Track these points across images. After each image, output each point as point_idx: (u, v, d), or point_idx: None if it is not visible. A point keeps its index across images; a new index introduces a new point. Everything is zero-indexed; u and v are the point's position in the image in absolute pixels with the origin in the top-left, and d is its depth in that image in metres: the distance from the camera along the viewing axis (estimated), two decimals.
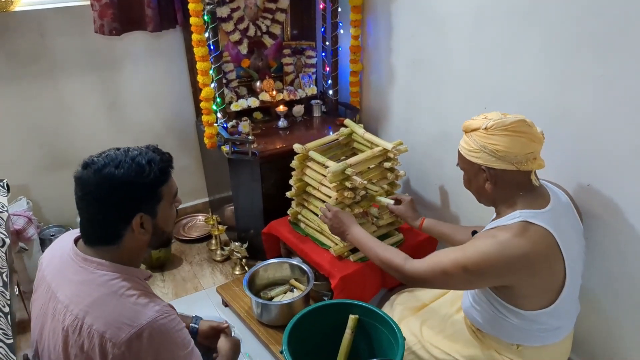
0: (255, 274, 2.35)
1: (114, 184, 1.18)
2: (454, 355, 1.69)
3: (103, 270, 1.21)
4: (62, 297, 1.21)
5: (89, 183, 1.19)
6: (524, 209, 1.48)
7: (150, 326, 1.15)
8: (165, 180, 1.26)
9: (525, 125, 1.46)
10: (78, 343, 1.16)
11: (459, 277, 1.49)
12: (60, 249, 1.31)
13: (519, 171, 1.47)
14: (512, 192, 1.52)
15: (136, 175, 1.20)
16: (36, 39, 2.51)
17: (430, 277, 1.55)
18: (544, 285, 1.49)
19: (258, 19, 2.75)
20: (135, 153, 1.23)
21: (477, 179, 1.55)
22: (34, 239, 2.42)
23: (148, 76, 2.84)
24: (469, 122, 1.54)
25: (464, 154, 1.55)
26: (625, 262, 1.72)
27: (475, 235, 1.56)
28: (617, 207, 1.69)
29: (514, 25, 1.89)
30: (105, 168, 1.19)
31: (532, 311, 1.51)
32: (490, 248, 1.43)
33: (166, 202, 1.28)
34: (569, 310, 1.61)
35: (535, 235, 1.43)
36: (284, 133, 2.74)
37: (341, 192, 2.12)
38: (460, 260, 1.47)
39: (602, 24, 1.58)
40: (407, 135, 2.57)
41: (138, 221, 1.23)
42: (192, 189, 3.23)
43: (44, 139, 2.70)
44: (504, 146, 1.45)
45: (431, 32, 2.29)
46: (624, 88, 1.57)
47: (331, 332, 1.85)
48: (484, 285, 1.55)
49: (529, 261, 1.42)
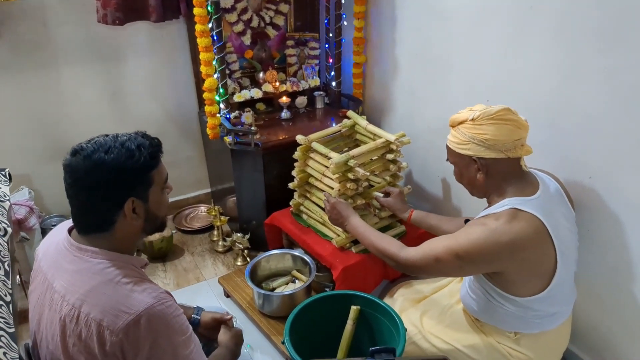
0: (257, 265, 2.36)
1: (104, 169, 1.17)
2: (454, 345, 1.70)
3: (98, 259, 1.21)
4: (58, 287, 1.20)
5: (79, 170, 1.18)
6: (513, 197, 1.51)
7: (148, 312, 1.14)
8: (155, 165, 1.26)
9: (510, 113, 1.50)
10: (76, 332, 1.16)
11: (451, 263, 1.51)
12: (55, 239, 1.31)
13: (508, 159, 1.51)
14: (503, 180, 1.55)
15: (126, 160, 1.19)
16: (39, 28, 2.51)
17: (424, 264, 1.57)
18: (535, 270, 1.52)
19: (262, 10, 2.74)
20: (124, 138, 1.23)
21: (468, 170, 1.59)
22: (35, 229, 2.42)
23: (151, 66, 2.83)
24: (455, 116, 1.58)
25: (453, 148, 1.58)
26: (625, 253, 1.72)
27: (467, 223, 1.59)
28: (618, 199, 1.69)
29: (518, 19, 1.88)
30: (94, 154, 1.18)
31: (525, 297, 1.54)
32: (480, 235, 1.46)
33: (157, 187, 1.28)
34: (564, 296, 1.62)
35: (523, 221, 1.46)
36: (286, 124, 2.73)
37: (344, 184, 2.12)
38: (452, 247, 1.50)
39: (606, 16, 1.57)
40: (410, 127, 2.56)
41: (130, 206, 1.22)
42: (194, 179, 3.23)
43: (46, 128, 2.70)
44: (492, 134, 1.48)
45: (435, 24, 2.28)
46: (628, 81, 1.56)
47: (333, 323, 1.85)
48: (476, 272, 1.58)
49: (518, 246, 1.45)
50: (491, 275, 1.56)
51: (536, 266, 1.51)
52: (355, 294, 1.86)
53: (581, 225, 1.77)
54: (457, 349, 1.70)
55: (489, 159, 1.51)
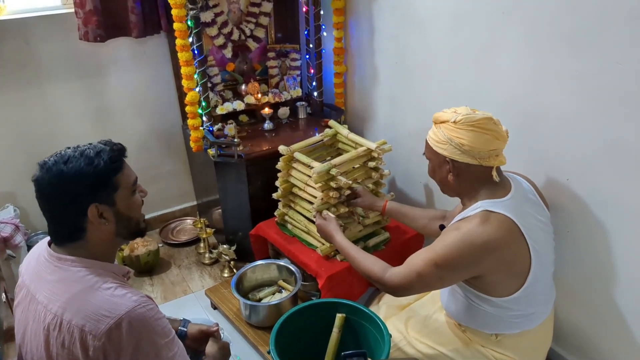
0: (243, 276, 2.37)
1: (63, 178, 1.21)
2: (439, 349, 1.72)
3: (77, 267, 1.24)
4: (41, 298, 1.23)
5: (43, 182, 1.22)
6: (485, 199, 1.54)
7: (129, 315, 1.17)
8: (118, 169, 1.28)
9: (491, 123, 1.51)
10: (59, 340, 1.18)
11: (431, 275, 1.52)
12: (36, 253, 1.34)
13: (481, 166, 1.53)
14: (473, 184, 1.57)
15: (85, 167, 1.22)
16: (21, 46, 2.52)
17: (407, 282, 1.57)
18: (509, 270, 1.54)
19: (242, 22, 2.77)
20: (84, 148, 1.27)
21: (440, 169, 1.61)
22: (21, 246, 2.42)
23: (133, 81, 2.85)
24: (439, 114, 1.59)
25: (431, 144, 1.60)
26: (604, 253, 1.75)
27: (443, 230, 1.61)
28: (596, 200, 1.72)
29: (491, 25, 1.92)
30: (55, 166, 1.22)
31: (502, 298, 1.56)
32: (454, 240, 1.49)
33: (125, 190, 1.29)
34: (542, 296, 1.65)
35: (495, 222, 1.48)
36: (269, 135, 2.76)
37: (326, 193, 2.14)
38: (430, 257, 1.51)
39: (577, 22, 1.62)
40: (392, 134, 2.60)
41: (94, 211, 1.24)
42: (179, 192, 3.23)
43: (30, 145, 2.70)
44: (469, 141, 1.50)
45: (412, 32, 2.32)
46: (599, 85, 1.60)
47: (319, 331, 1.86)
48: (456, 279, 1.58)
49: (492, 247, 1.47)
50: (469, 279, 1.58)
51: (510, 266, 1.53)
52: (341, 301, 1.88)
53: (561, 227, 1.80)
54: (442, 353, 1.72)
55: (462, 162, 1.53)
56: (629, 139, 1.57)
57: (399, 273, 1.59)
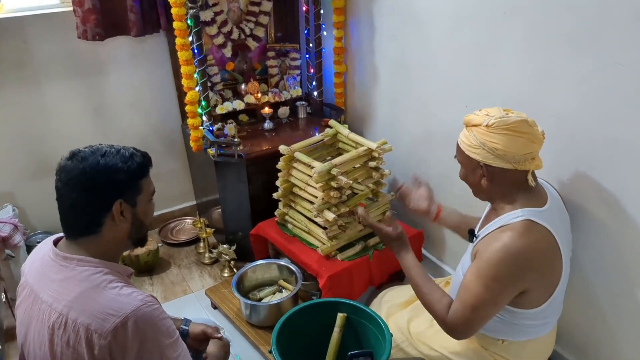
0: (243, 276, 2.36)
1: (98, 169, 1.23)
2: (441, 351, 1.71)
3: (84, 266, 1.23)
4: (45, 297, 1.23)
5: (74, 169, 1.23)
6: (525, 207, 1.48)
7: (135, 314, 1.17)
8: (145, 174, 1.32)
9: (526, 126, 1.44)
10: (64, 339, 1.18)
11: (485, 301, 1.44)
12: (40, 253, 1.33)
13: (516, 170, 1.47)
14: (508, 189, 1.52)
15: (121, 163, 1.25)
16: (20, 45, 2.51)
17: (466, 322, 1.48)
18: (546, 284, 1.51)
19: (242, 22, 2.77)
20: (119, 147, 1.30)
21: (474, 174, 1.54)
22: (20, 246, 2.41)
23: (133, 81, 2.84)
24: (471, 117, 1.52)
25: (463, 149, 1.53)
26: (604, 253, 1.76)
27: (480, 246, 1.53)
28: (596, 200, 1.72)
29: (492, 24, 1.92)
30: (91, 156, 1.24)
31: (529, 310, 1.53)
32: (497, 252, 1.42)
33: (145, 195, 1.33)
34: (558, 308, 1.64)
35: (538, 235, 1.44)
36: (269, 135, 2.75)
37: (327, 192, 2.14)
38: (479, 282, 1.44)
39: (578, 22, 1.62)
40: (392, 134, 2.60)
41: (118, 207, 1.26)
42: (179, 192, 3.23)
43: (29, 145, 2.69)
44: (503, 145, 1.43)
45: (412, 32, 2.32)
46: (599, 84, 1.60)
47: (320, 331, 1.86)
48: (508, 298, 1.48)
49: (537, 259, 1.44)
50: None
51: (548, 280, 1.50)
52: (341, 301, 1.88)
53: None
54: (444, 355, 1.71)
55: (496, 167, 1.47)
56: (630, 138, 1.57)
57: (456, 311, 1.49)
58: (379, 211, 2.36)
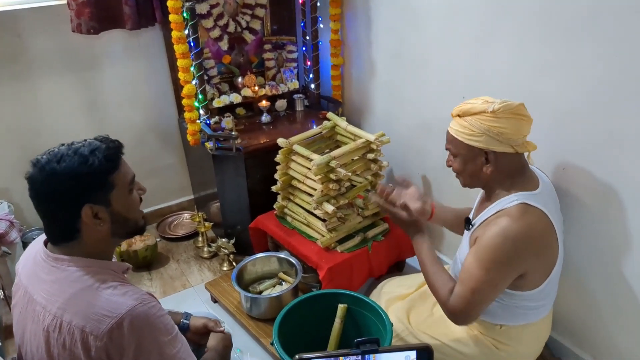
0: (243, 269, 2.36)
1: (57, 178, 1.17)
2: (441, 340, 1.72)
3: (75, 267, 1.20)
4: (39, 299, 1.20)
5: (37, 181, 1.18)
6: (519, 192, 1.51)
7: (130, 314, 1.15)
8: (114, 167, 1.23)
9: (524, 109, 1.50)
10: (60, 341, 1.16)
11: (485, 284, 1.46)
12: (33, 252, 1.30)
13: (515, 153, 1.51)
14: (508, 174, 1.54)
15: (79, 166, 1.17)
16: (13, 39, 2.48)
17: (466, 305, 1.50)
18: (544, 265, 1.54)
19: (238, 14, 2.75)
20: (78, 145, 1.21)
21: (474, 162, 1.54)
22: (17, 243, 2.40)
23: (128, 75, 2.82)
24: (469, 106, 1.52)
25: (462, 139, 1.52)
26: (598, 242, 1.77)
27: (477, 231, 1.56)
28: (592, 190, 1.73)
29: (487, 16, 1.92)
30: (48, 164, 1.18)
31: (525, 292, 1.55)
32: (496, 237, 1.45)
33: (121, 189, 1.25)
34: (553, 291, 1.66)
35: (534, 217, 1.47)
36: (267, 128, 2.74)
37: (326, 185, 2.13)
38: (478, 264, 1.46)
39: (574, 14, 1.62)
40: (390, 126, 2.59)
41: (88, 212, 1.20)
42: (177, 186, 3.21)
43: (24, 140, 2.67)
44: (510, 129, 1.47)
45: (409, 24, 2.31)
46: (597, 76, 1.61)
47: (321, 322, 1.86)
48: (507, 282, 1.51)
49: (535, 240, 1.47)
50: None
51: (544, 261, 1.53)
52: (342, 292, 1.88)
53: None
54: (444, 343, 1.72)
55: (499, 152, 1.50)
56: (625, 130, 1.58)
57: (457, 295, 1.51)
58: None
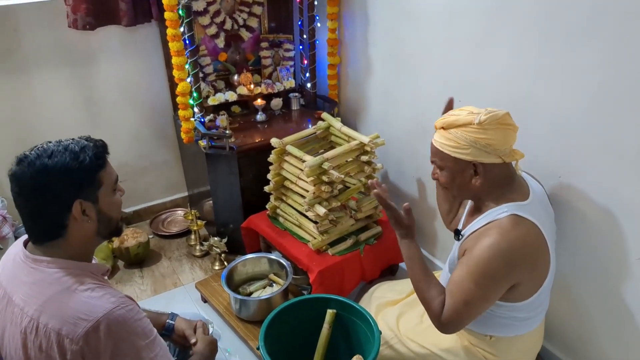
0: (233, 270, 2.35)
1: (49, 173, 1.18)
2: (430, 349, 1.71)
3: (53, 268, 1.20)
4: (17, 301, 1.20)
5: (25, 177, 1.18)
6: (508, 202, 1.48)
7: (107, 318, 1.14)
8: (102, 166, 1.26)
9: (510, 117, 1.47)
10: (36, 344, 1.16)
11: (476, 297, 1.44)
12: (12, 254, 1.30)
13: (503, 163, 1.48)
14: (497, 185, 1.51)
15: (71, 162, 1.19)
16: (9, 34, 2.46)
17: (457, 316, 1.47)
18: (536, 277, 1.51)
19: (235, 12, 2.73)
20: (67, 142, 1.23)
21: (462, 175, 1.51)
22: (9, 237, 2.39)
23: (124, 71, 2.80)
24: (453, 118, 1.47)
25: (448, 152, 1.48)
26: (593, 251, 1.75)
27: (467, 243, 1.53)
28: (587, 198, 1.71)
29: (486, 19, 1.89)
30: (38, 160, 1.18)
31: (516, 303, 1.53)
32: (487, 249, 1.42)
33: (107, 188, 1.27)
34: (545, 300, 1.64)
35: (525, 228, 1.44)
36: (262, 127, 2.73)
37: (318, 187, 2.12)
38: (469, 278, 1.44)
39: (575, 16, 1.59)
40: (385, 127, 2.57)
41: (79, 208, 1.21)
42: (170, 183, 3.20)
43: (18, 135, 2.65)
44: (497, 140, 1.43)
45: (407, 25, 2.29)
46: (595, 81, 1.58)
47: (309, 327, 1.85)
48: (498, 294, 1.48)
49: (526, 252, 1.44)
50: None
51: (536, 273, 1.50)
52: (331, 297, 1.87)
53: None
54: (433, 352, 1.71)
55: (487, 164, 1.46)
56: (622, 136, 1.55)
57: (448, 309, 1.48)
58: (370, 205, 2.33)
